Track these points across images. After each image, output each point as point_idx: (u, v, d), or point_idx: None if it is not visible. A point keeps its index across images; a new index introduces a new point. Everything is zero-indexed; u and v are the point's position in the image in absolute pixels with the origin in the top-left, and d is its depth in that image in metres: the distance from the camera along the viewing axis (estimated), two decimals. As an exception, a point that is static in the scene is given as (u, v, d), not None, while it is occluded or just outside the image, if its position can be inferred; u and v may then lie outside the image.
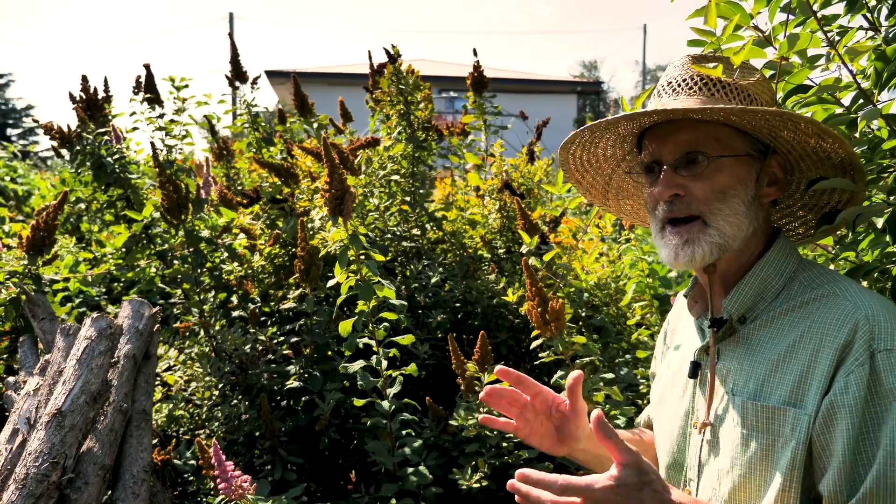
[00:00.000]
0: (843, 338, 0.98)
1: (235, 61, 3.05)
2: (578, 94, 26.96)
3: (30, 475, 1.47)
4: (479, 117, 3.15)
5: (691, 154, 1.08)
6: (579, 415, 1.23)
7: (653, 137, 1.14)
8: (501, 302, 2.60)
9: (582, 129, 1.18)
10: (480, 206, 2.99)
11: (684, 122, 1.10)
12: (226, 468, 1.52)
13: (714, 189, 1.07)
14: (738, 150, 1.10)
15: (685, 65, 1.15)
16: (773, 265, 1.11)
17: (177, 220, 2.27)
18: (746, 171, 1.10)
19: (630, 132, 1.22)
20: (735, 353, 1.12)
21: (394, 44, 2.81)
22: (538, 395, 1.24)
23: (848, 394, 0.95)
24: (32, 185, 6.02)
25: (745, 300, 1.11)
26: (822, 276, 1.10)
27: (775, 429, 1.02)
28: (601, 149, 1.27)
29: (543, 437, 1.26)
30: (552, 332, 1.72)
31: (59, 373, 1.79)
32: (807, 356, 1.01)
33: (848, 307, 1.01)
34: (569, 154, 1.28)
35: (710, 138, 1.08)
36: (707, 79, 1.11)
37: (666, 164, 1.10)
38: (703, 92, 1.10)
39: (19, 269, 2.32)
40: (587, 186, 1.36)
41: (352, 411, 2.28)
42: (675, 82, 1.14)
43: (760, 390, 1.05)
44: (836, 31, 1.32)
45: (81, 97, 2.72)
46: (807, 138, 1.09)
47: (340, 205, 1.70)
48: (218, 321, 2.45)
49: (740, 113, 1.03)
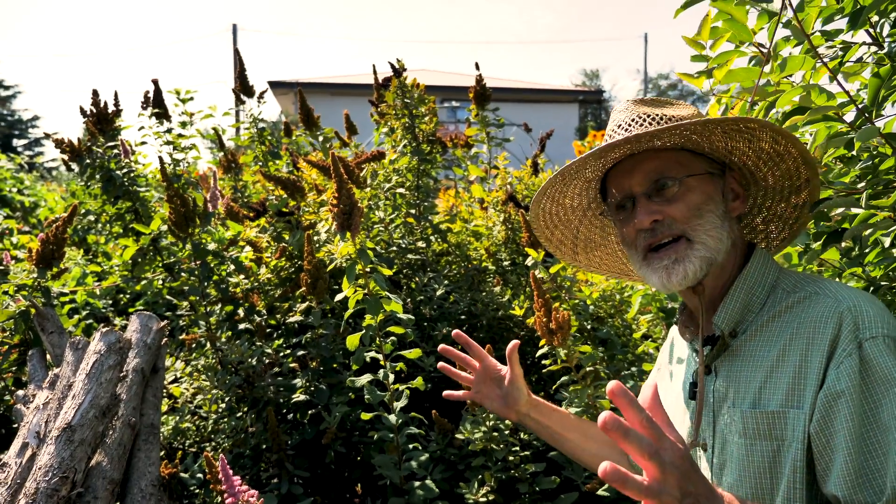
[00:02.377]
0: (830, 332, 1.01)
1: (242, 76, 3.07)
2: (580, 103, 27.01)
3: (40, 489, 1.47)
4: (482, 130, 3.17)
5: (660, 180, 1.13)
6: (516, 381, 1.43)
7: (618, 175, 1.19)
8: (507, 314, 2.61)
9: (553, 176, 1.22)
10: (485, 218, 3.01)
11: (646, 154, 1.15)
12: (233, 483, 1.52)
13: (689, 207, 1.12)
14: (699, 169, 1.15)
15: (628, 108, 1.21)
16: (755, 276, 1.14)
17: (184, 234, 2.29)
18: (712, 188, 1.15)
19: (595, 175, 1.26)
20: (731, 367, 1.14)
21: (398, 58, 2.84)
22: (483, 360, 1.46)
23: (841, 384, 0.97)
24: (39, 196, 6.05)
25: (733, 314, 1.14)
26: (802, 279, 1.13)
27: (777, 434, 1.03)
28: (568, 199, 1.32)
29: (494, 400, 1.46)
30: (557, 341, 1.75)
31: (68, 387, 1.80)
32: (798, 357, 1.04)
33: (829, 303, 1.04)
34: (539, 209, 1.32)
35: (673, 163, 1.14)
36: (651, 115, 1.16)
37: (638, 195, 1.15)
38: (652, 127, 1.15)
39: (29, 283, 2.34)
40: (557, 243, 1.40)
41: (358, 424, 2.29)
42: (624, 124, 1.18)
43: (758, 398, 1.07)
44: (838, 46, 1.33)
45: (92, 111, 2.74)
46: (761, 144, 1.13)
47: (349, 219, 1.71)
48: (224, 333, 2.46)
49: (702, 126, 1.08)
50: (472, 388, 1.49)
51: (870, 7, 1.13)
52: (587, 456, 1.47)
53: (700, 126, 1.07)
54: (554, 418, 1.47)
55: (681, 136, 1.11)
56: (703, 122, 1.07)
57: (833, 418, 0.97)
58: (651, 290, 2.22)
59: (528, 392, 1.45)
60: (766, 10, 1.23)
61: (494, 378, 1.47)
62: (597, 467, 1.47)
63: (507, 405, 1.45)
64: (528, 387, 1.46)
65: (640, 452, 0.75)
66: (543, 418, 1.46)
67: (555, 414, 1.48)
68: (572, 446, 1.47)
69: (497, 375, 1.47)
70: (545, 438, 1.49)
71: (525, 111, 19.51)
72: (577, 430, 1.47)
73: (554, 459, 2.01)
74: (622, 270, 1.46)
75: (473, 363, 1.47)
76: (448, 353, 1.47)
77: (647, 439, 0.76)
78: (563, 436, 1.46)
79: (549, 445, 2.04)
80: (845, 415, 0.95)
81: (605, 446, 1.47)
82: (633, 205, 1.16)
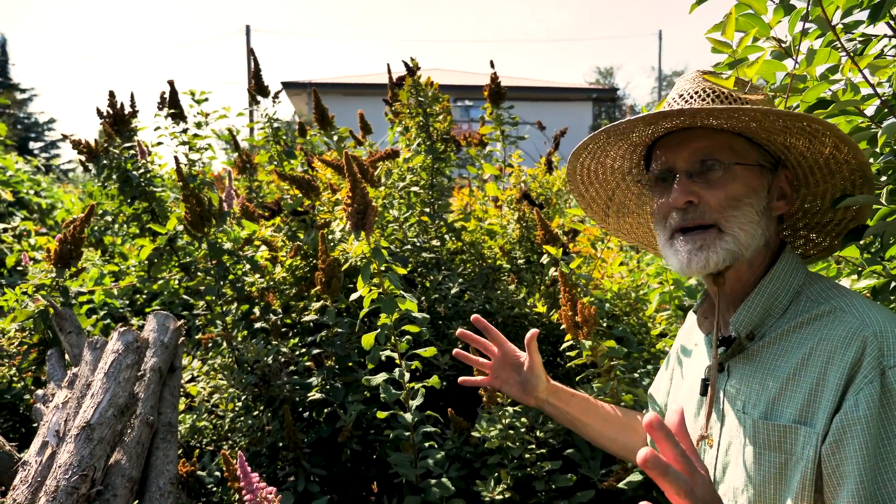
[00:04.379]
0: (852, 355, 0.97)
1: (258, 76, 3.08)
2: (594, 102, 26.92)
3: (60, 487, 1.49)
4: (496, 128, 3.16)
5: (706, 162, 1.08)
6: (534, 367, 1.44)
7: (666, 146, 1.14)
8: (522, 312, 2.60)
9: (597, 132, 1.17)
10: (499, 217, 3.00)
11: (699, 130, 1.10)
12: (251, 480, 1.53)
13: (728, 197, 1.07)
14: (751, 160, 1.10)
15: (696, 78, 1.15)
16: (780, 280, 1.10)
17: (200, 233, 2.30)
18: (759, 182, 1.10)
19: (642, 141, 1.21)
20: (745, 371, 1.11)
21: (412, 57, 2.83)
22: (502, 345, 1.47)
23: (858, 411, 0.94)
24: (55, 198, 6.11)
25: (752, 317, 1.10)
26: (828, 290, 1.08)
27: (787, 447, 1.01)
28: (610, 159, 1.27)
29: (512, 386, 1.47)
30: (583, 334, 1.76)
31: (87, 386, 1.82)
32: (815, 374, 1.00)
33: (855, 324, 0.99)
34: (577, 162, 1.27)
35: (724, 147, 1.09)
36: (719, 91, 1.11)
37: (680, 171, 1.10)
38: (715, 103, 1.09)
39: (47, 283, 2.36)
40: (589, 200, 1.36)
41: (373, 423, 2.29)
42: (686, 94, 1.13)
43: (771, 409, 1.04)
44: (858, 39, 1.31)
45: (109, 112, 2.76)
46: (822, 148, 1.08)
47: (363, 219, 1.71)
48: (240, 333, 2.47)
49: (763, 116, 1.02)
50: (490, 374, 1.49)
51: (891, 1, 1.11)
52: (607, 441, 1.46)
53: (761, 115, 1.02)
54: (573, 403, 1.46)
55: (739, 120, 1.05)
56: (765, 111, 1.01)
57: (847, 444, 0.94)
58: (668, 288, 2.21)
59: (547, 378, 1.45)
60: (785, 2, 1.21)
61: (513, 364, 1.47)
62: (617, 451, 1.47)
63: (526, 391, 1.45)
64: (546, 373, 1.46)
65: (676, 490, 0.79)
66: (562, 404, 1.46)
67: (574, 399, 1.47)
68: (592, 430, 1.46)
69: (516, 361, 1.47)
70: (565, 424, 1.49)
71: (539, 110, 19.46)
72: (596, 415, 1.46)
73: (570, 458, 2.00)
74: (650, 242, 1.41)
75: (492, 348, 1.48)
76: (466, 338, 1.48)
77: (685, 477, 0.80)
78: (582, 420, 1.46)
79: (565, 443, 2.03)
80: (860, 442, 0.93)
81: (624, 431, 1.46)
82: (673, 180, 1.11)
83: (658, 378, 1.50)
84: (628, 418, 1.48)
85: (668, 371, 1.44)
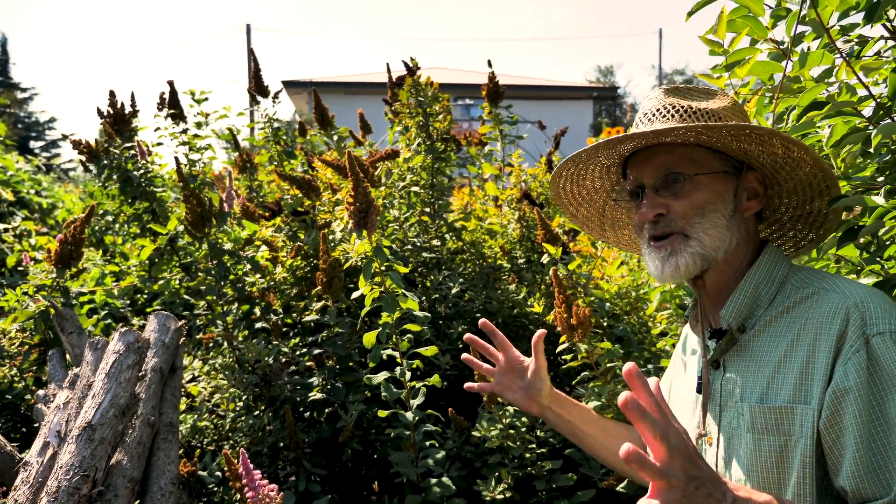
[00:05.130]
0: (837, 328, 1.01)
1: (257, 76, 3.08)
2: (595, 100, 26.91)
3: (61, 488, 1.49)
4: (495, 128, 3.16)
5: (670, 175, 1.15)
6: (539, 372, 1.43)
7: (634, 164, 1.22)
8: (522, 312, 2.60)
9: (564, 160, 1.25)
10: (499, 216, 3.00)
11: (661, 147, 1.17)
12: (254, 477, 1.53)
13: (693, 205, 1.14)
14: (713, 167, 1.16)
15: (658, 96, 1.21)
16: (763, 271, 1.15)
17: (200, 233, 2.31)
18: (724, 187, 1.16)
19: (613, 161, 1.28)
20: (739, 362, 1.15)
21: (412, 56, 2.84)
22: (507, 351, 1.47)
23: (849, 380, 0.97)
24: (56, 197, 6.11)
25: (740, 308, 1.15)
26: (812, 275, 1.13)
27: (785, 429, 1.04)
28: (589, 181, 1.34)
29: (515, 392, 1.46)
30: (578, 336, 1.75)
31: (88, 386, 1.82)
32: (805, 352, 1.04)
33: (837, 298, 1.04)
34: (559, 189, 1.34)
35: (685, 159, 1.15)
36: (679, 106, 1.17)
37: (648, 187, 1.17)
38: (675, 119, 1.16)
39: (48, 283, 2.36)
40: (583, 220, 1.43)
41: (374, 422, 2.30)
42: (649, 113, 1.19)
43: (766, 393, 1.07)
44: (855, 40, 1.32)
45: (109, 112, 2.76)
46: (773, 149, 1.13)
47: (365, 218, 1.72)
48: (241, 333, 2.48)
49: (705, 130, 1.09)
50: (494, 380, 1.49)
51: (886, 1, 1.12)
52: (606, 453, 1.47)
53: (708, 129, 1.09)
54: (575, 413, 1.47)
55: (689, 136, 1.12)
56: (710, 126, 1.08)
57: (842, 415, 0.97)
58: (669, 287, 2.21)
59: (550, 385, 1.46)
60: (777, 7, 1.22)
61: (517, 369, 1.47)
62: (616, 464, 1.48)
63: (529, 397, 1.45)
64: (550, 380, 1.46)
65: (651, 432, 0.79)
66: (564, 412, 1.46)
67: (576, 409, 1.48)
68: (591, 441, 1.47)
69: (520, 367, 1.47)
70: (564, 433, 1.49)
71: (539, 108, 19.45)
72: (597, 427, 1.47)
73: (571, 457, 2.01)
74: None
75: (497, 354, 1.48)
76: (474, 343, 1.48)
77: (660, 421, 0.80)
78: (583, 431, 1.47)
79: (565, 443, 2.04)
80: (853, 411, 0.96)
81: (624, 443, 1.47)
82: (644, 195, 1.18)
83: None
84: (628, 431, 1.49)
85: (666, 383, 1.46)
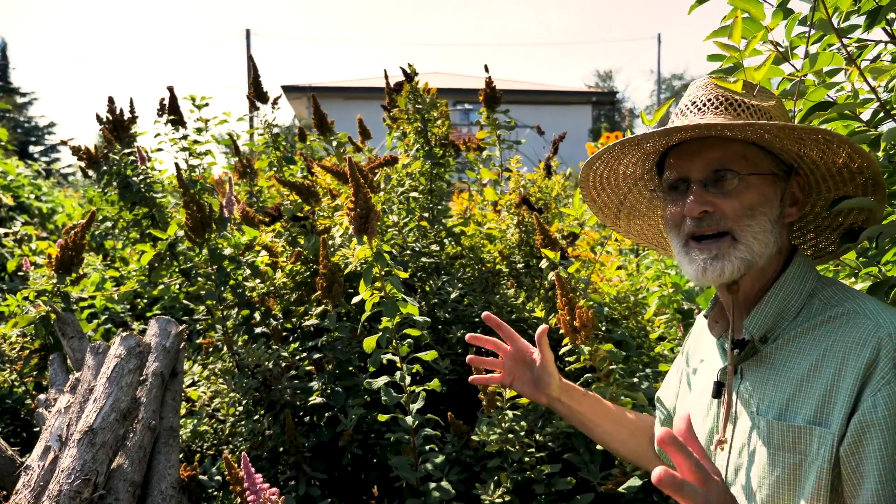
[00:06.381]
0: (867, 356, 0.98)
1: (257, 82, 3.10)
2: (593, 105, 26.98)
3: (63, 492, 1.49)
4: (492, 132, 3.17)
5: (720, 171, 1.09)
6: (546, 365, 1.43)
7: (679, 156, 1.15)
8: (521, 316, 2.61)
9: (612, 144, 1.19)
10: (498, 221, 3.01)
11: (713, 140, 1.10)
12: (255, 480, 1.54)
13: (743, 206, 1.08)
14: (765, 169, 1.10)
15: (708, 85, 1.15)
16: (792, 283, 1.11)
17: (200, 239, 2.31)
18: (772, 191, 1.11)
19: (655, 150, 1.22)
20: (758, 373, 1.12)
21: (410, 62, 2.85)
22: (515, 342, 1.45)
23: (877, 412, 0.95)
24: (56, 202, 6.11)
25: (765, 320, 1.11)
26: (841, 293, 1.10)
27: (802, 448, 1.02)
28: (623, 166, 1.28)
29: (524, 383, 1.46)
30: (581, 339, 1.77)
31: (89, 391, 1.82)
32: (830, 375, 1.01)
33: (869, 325, 1.01)
34: (591, 170, 1.28)
35: (738, 156, 1.09)
36: (732, 99, 1.11)
37: (694, 181, 1.11)
38: (728, 112, 1.10)
39: (49, 288, 2.37)
40: (601, 205, 1.38)
41: (374, 427, 2.30)
42: (699, 101, 1.13)
43: (785, 410, 1.05)
44: (854, 44, 1.33)
45: (108, 118, 2.77)
46: (835, 157, 1.09)
47: (365, 223, 1.72)
48: (241, 337, 2.48)
49: (778, 130, 1.03)
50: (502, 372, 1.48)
51: (888, 7, 1.12)
52: (617, 443, 1.46)
53: (777, 129, 1.04)
54: (585, 404, 1.46)
55: (754, 132, 1.06)
56: (781, 125, 1.03)
57: (866, 444, 0.96)
58: (667, 292, 2.22)
59: (559, 376, 1.44)
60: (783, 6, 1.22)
61: (525, 361, 1.46)
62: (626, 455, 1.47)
63: (538, 389, 1.44)
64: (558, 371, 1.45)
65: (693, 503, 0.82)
66: (574, 403, 1.45)
67: (586, 399, 1.47)
68: (602, 432, 1.46)
69: (528, 358, 1.46)
70: (575, 424, 1.48)
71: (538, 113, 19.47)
72: (607, 416, 1.46)
73: (570, 461, 2.01)
74: (659, 243, 1.43)
75: (504, 346, 1.46)
76: (477, 341, 1.45)
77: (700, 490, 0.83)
78: (593, 421, 1.46)
79: (564, 447, 2.04)
80: (879, 443, 0.95)
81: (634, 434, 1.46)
82: (687, 189, 1.12)
83: (666, 382, 1.50)
84: (639, 420, 1.49)
85: (676, 375, 1.44)
